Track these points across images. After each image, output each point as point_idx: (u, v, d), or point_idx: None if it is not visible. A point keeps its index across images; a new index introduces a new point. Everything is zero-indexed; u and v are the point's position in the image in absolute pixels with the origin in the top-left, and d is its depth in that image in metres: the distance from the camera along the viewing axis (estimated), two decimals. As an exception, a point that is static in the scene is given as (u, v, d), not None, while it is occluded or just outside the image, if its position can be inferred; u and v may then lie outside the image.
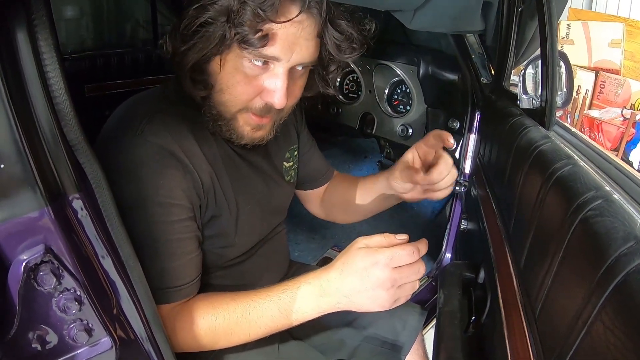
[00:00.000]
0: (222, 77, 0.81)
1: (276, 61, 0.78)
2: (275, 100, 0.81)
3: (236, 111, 0.84)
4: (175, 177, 0.80)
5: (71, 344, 0.61)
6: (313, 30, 0.79)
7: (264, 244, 1.07)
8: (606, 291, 0.46)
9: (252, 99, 0.82)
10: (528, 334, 0.67)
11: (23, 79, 0.52)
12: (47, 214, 0.54)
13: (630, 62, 4.13)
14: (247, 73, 0.80)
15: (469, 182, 1.45)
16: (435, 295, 1.62)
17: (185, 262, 0.83)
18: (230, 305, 0.82)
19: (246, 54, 0.77)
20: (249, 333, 0.82)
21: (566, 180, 0.65)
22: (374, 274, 0.74)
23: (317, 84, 0.95)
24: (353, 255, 0.77)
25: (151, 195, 0.78)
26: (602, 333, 0.46)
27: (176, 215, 0.81)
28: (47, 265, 0.56)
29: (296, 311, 0.80)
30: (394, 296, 0.76)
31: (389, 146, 2.10)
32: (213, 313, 0.82)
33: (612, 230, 0.50)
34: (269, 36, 0.74)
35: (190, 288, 0.84)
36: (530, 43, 1.25)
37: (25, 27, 0.51)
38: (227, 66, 0.80)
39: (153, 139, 0.79)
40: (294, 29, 0.76)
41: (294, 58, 0.79)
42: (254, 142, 0.89)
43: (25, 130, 0.52)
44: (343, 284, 0.77)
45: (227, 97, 0.82)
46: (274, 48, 0.76)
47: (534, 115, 1.02)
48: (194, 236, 0.85)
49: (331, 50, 0.83)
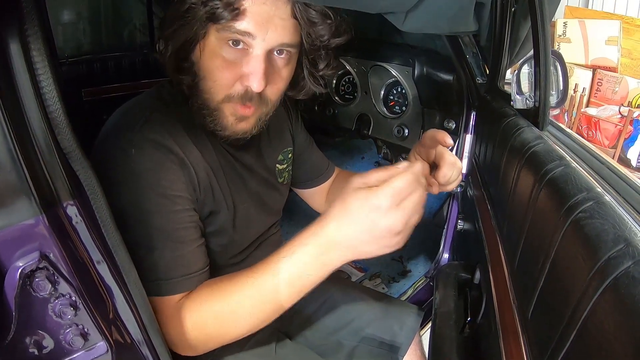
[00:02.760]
0: (203, 63, 0.82)
1: (252, 39, 0.78)
2: (253, 84, 0.80)
3: (219, 100, 0.84)
4: (174, 170, 0.82)
5: (67, 349, 0.61)
6: (287, 10, 0.79)
7: (260, 245, 1.08)
8: (596, 294, 0.47)
9: (232, 85, 0.82)
10: (522, 335, 0.67)
11: (16, 88, 0.52)
12: (42, 222, 0.55)
13: (627, 60, 4.14)
14: (225, 57, 0.80)
15: (465, 183, 1.45)
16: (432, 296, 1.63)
17: (194, 248, 0.83)
18: (229, 288, 0.77)
19: (222, 34, 0.78)
20: (254, 313, 0.76)
21: (558, 181, 0.66)
22: (378, 221, 0.66)
23: (307, 82, 0.95)
24: (350, 200, 0.68)
25: (154, 188, 0.79)
26: (593, 335, 0.47)
27: (180, 205, 0.82)
28: (43, 272, 0.56)
29: (300, 278, 0.72)
30: (404, 233, 0.68)
31: (386, 147, 2.11)
32: (214, 299, 0.77)
33: (603, 233, 0.50)
34: (240, 10, 0.75)
35: (202, 275, 0.83)
36: (524, 43, 1.25)
37: (18, 37, 0.51)
38: (206, 51, 0.81)
39: (151, 135, 0.81)
40: (267, 7, 0.76)
41: (270, 37, 0.79)
42: (237, 134, 0.88)
43: (19, 139, 0.52)
44: (344, 235, 0.69)
45: (210, 83, 0.83)
46: (247, 23, 0.76)
47: (528, 116, 1.02)
48: (197, 225, 0.86)
49: (309, 30, 0.83)
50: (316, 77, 0.96)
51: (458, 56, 1.41)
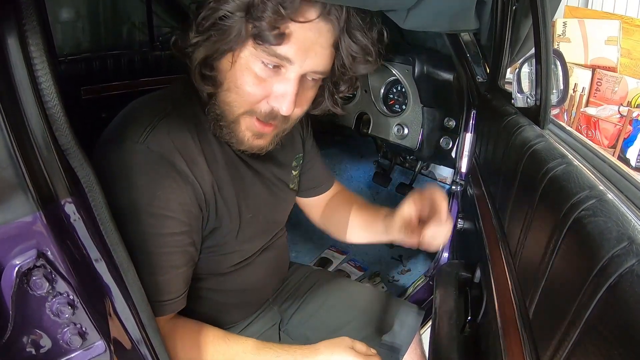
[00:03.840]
0: (232, 75, 0.79)
1: (289, 64, 0.77)
2: (282, 106, 0.79)
3: (240, 113, 0.82)
4: (173, 189, 0.79)
5: (65, 348, 0.60)
6: (330, 38, 0.78)
7: (264, 249, 1.06)
8: (599, 293, 0.46)
9: (258, 102, 0.81)
10: (522, 334, 0.67)
11: (14, 83, 0.52)
12: (39, 219, 0.54)
13: (626, 60, 4.14)
14: (257, 74, 0.78)
15: (465, 182, 1.45)
16: (432, 295, 1.62)
17: (172, 277, 0.81)
18: (215, 347, 0.86)
19: (260, 53, 0.76)
20: None
21: (560, 179, 0.65)
22: None
23: (326, 102, 0.94)
24: (340, 352, 0.84)
25: (146, 205, 0.76)
26: (595, 334, 0.46)
27: (168, 228, 0.79)
28: (40, 270, 0.55)
29: None
30: None
31: (385, 146, 2.10)
32: (195, 347, 0.85)
33: (606, 231, 0.50)
34: (285, 35, 0.73)
35: (174, 304, 0.83)
36: (525, 41, 1.25)
37: (16, 31, 0.51)
38: (238, 64, 0.78)
39: (155, 147, 0.78)
40: (312, 33, 0.75)
41: (307, 64, 0.78)
42: (252, 150, 0.87)
43: (16, 135, 0.52)
44: None
45: (234, 96, 0.80)
46: (289, 48, 0.75)
47: (529, 114, 1.02)
48: (184, 251, 0.83)
49: (345, 61, 0.82)
50: (335, 99, 0.95)
51: (459, 55, 1.40)
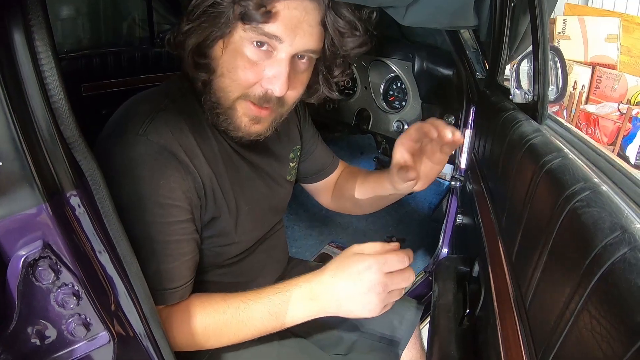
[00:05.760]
0: (224, 61, 0.81)
1: (279, 43, 0.78)
2: (276, 87, 0.80)
3: (235, 98, 0.83)
4: (175, 177, 0.80)
5: (70, 339, 0.61)
6: (317, 16, 0.79)
7: (263, 241, 1.08)
8: (592, 281, 0.47)
9: (252, 85, 0.81)
10: (519, 326, 0.68)
11: (20, 78, 0.53)
12: (45, 211, 0.55)
13: (626, 57, 4.15)
14: (249, 57, 0.79)
15: (464, 177, 1.46)
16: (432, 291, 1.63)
17: (180, 263, 0.83)
18: (221, 306, 0.83)
19: (249, 34, 0.77)
20: (238, 334, 0.84)
21: (555, 172, 0.66)
22: (367, 277, 0.76)
23: (321, 88, 0.95)
24: (347, 260, 0.79)
25: (151, 195, 0.78)
26: (589, 322, 0.47)
27: (175, 217, 0.80)
28: (46, 261, 0.57)
29: (285, 314, 0.81)
30: (383, 301, 0.78)
31: (385, 142, 2.11)
32: (203, 313, 0.83)
33: (599, 221, 0.51)
34: (272, 13, 0.74)
35: (184, 290, 0.84)
36: (524, 38, 1.26)
37: (22, 27, 0.52)
38: (229, 49, 0.79)
39: (155, 138, 0.79)
40: (298, 12, 0.76)
41: (297, 42, 0.78)
42: (250, 136, 0.88)
43: (22, 128, 0.53)
44: (335, 287, 0.78)
45: (228, 81, 0.81)
46: (277, 27, 0.76)
47: (527, 110, 1.02)
48: (191, 238, 0.85)
49: (334, 38, 0.83)
50: (330, 83, 0.96)
51: (458, 51, 1.41)
